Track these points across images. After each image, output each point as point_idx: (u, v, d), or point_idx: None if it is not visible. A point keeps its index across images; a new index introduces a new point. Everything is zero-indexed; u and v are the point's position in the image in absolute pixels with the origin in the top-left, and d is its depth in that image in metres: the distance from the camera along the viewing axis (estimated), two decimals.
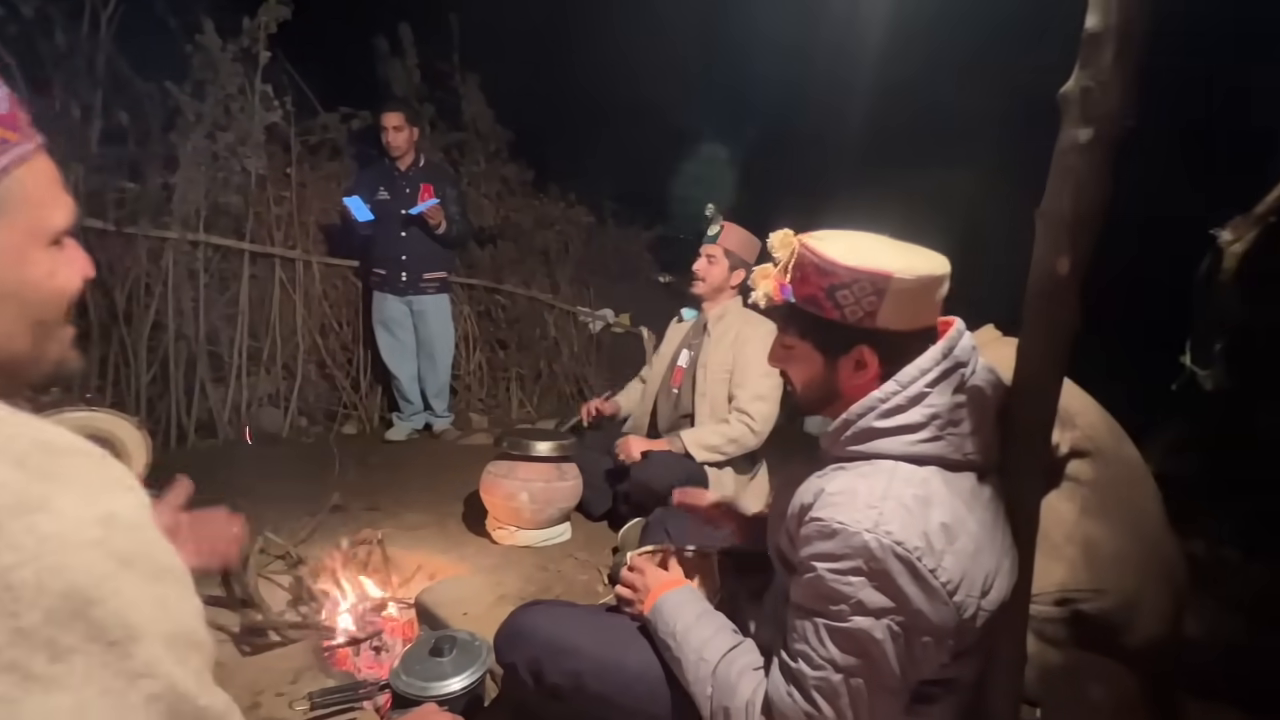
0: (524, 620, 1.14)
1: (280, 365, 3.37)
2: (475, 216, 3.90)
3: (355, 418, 3.56)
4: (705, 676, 0.92)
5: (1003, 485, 0.84)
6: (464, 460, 2.95)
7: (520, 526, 2.10)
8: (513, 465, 2.07)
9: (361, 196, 3.07)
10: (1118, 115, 0.71)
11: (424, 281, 3.23)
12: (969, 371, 0.82)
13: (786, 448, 2.57)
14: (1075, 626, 1.23)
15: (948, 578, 0.75)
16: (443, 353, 3.39)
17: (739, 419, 2.05)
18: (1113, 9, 0.67)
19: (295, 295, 3.38)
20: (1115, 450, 1.31)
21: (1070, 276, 0.77)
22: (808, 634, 0.80)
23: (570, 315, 4.38)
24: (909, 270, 0.78)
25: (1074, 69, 0.73)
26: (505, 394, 4.16)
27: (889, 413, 0.81)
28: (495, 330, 4.17)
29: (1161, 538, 1.33)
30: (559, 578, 1.93)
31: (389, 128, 3.02)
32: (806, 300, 0.84)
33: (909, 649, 0.76)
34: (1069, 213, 0.75)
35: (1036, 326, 0.82)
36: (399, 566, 1.99)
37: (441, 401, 3.47)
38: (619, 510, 2.22)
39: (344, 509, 2.40)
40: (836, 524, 0.77)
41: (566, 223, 4.48)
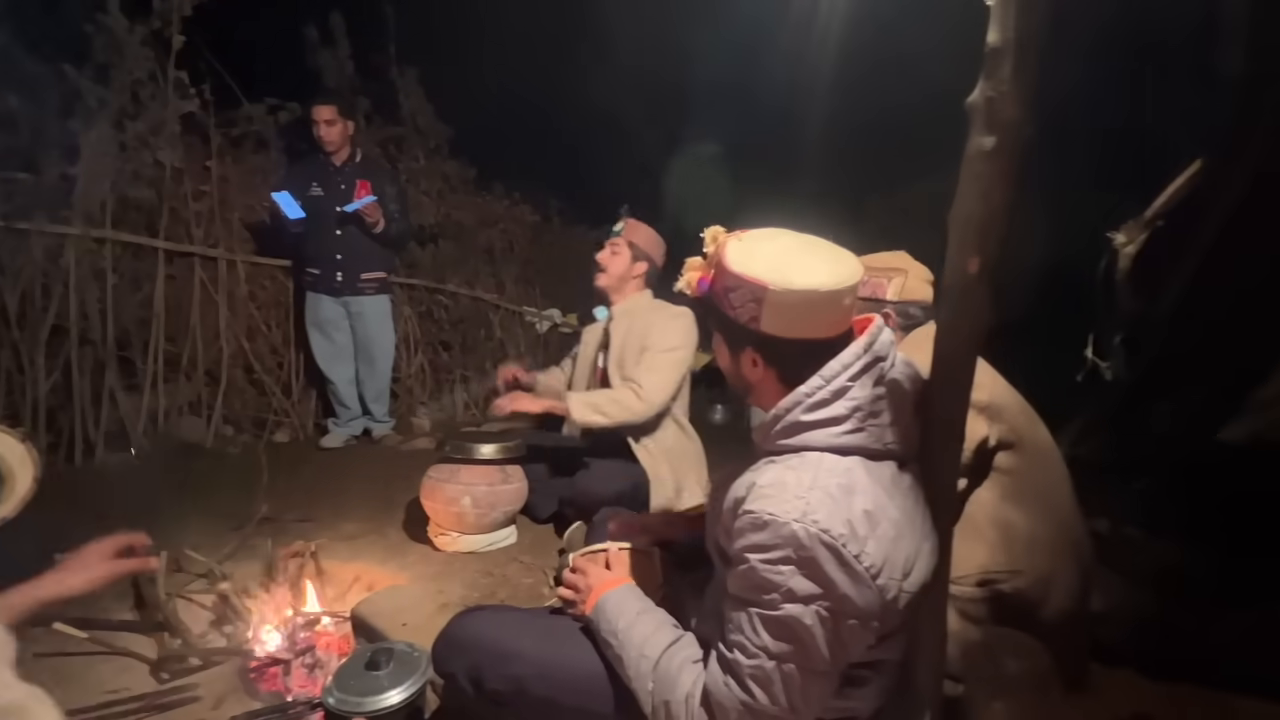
0: (462, 627, 1.12)
1: (202, 371, 3.16)
2: (415, 215, 3.78)
3: (287, 425, 3.39)
4: (646, 672, 0.93)
5: (922, 472, 0.89)
6: (405, 466, 2.86)
7: (463, 532, 2.05)
8: (455, 469, 2.02)
9: (292, 192, 2.93)
10: (1018, 124, 0.76)
11: (361, 282, 3.11)
12: (888, 365, 0.86)
13: (731, 444, 2.62)
14: (994, 605, 1.31)
15: (870, 562, 0.78)
16: (382, 355, 3.27)
17: (627, 385, 2.05)
18: (1010, 25, 0.72)
19: (218, 296, 3.18)
20: (1034, 440, 1.41)
21: (980, 275, 0.82)
22: (743, 624, 0.82)
23: (516, 315, 4.32)
24: (784, 284, 0.81)
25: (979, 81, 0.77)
26: (449, 396, 4.06)
27: (814, 406, 0.84)
28: (438, 331, 4.06)
29: (1072, 520, 1.44)
30: (504, 582, 1.90)
31: (320, 121, 2.89)
32: (715, 295, 0.89)
33: (836, 632, 0.79)
34: (977, 215, 0.79)
35: (951, 322, 0.86)
36: (334, 579, 1.91)
37: (381, 406, 3.35)
38: (564, 512, 2.21)
39: (274, 521, 2.28)
40: (767, 515, 0.80)
41: (511, 221, 4.41)
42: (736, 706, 0.82)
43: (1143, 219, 1.65)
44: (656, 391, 2.03)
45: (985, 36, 0.75)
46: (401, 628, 1.59)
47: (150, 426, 3.00)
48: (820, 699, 0.85)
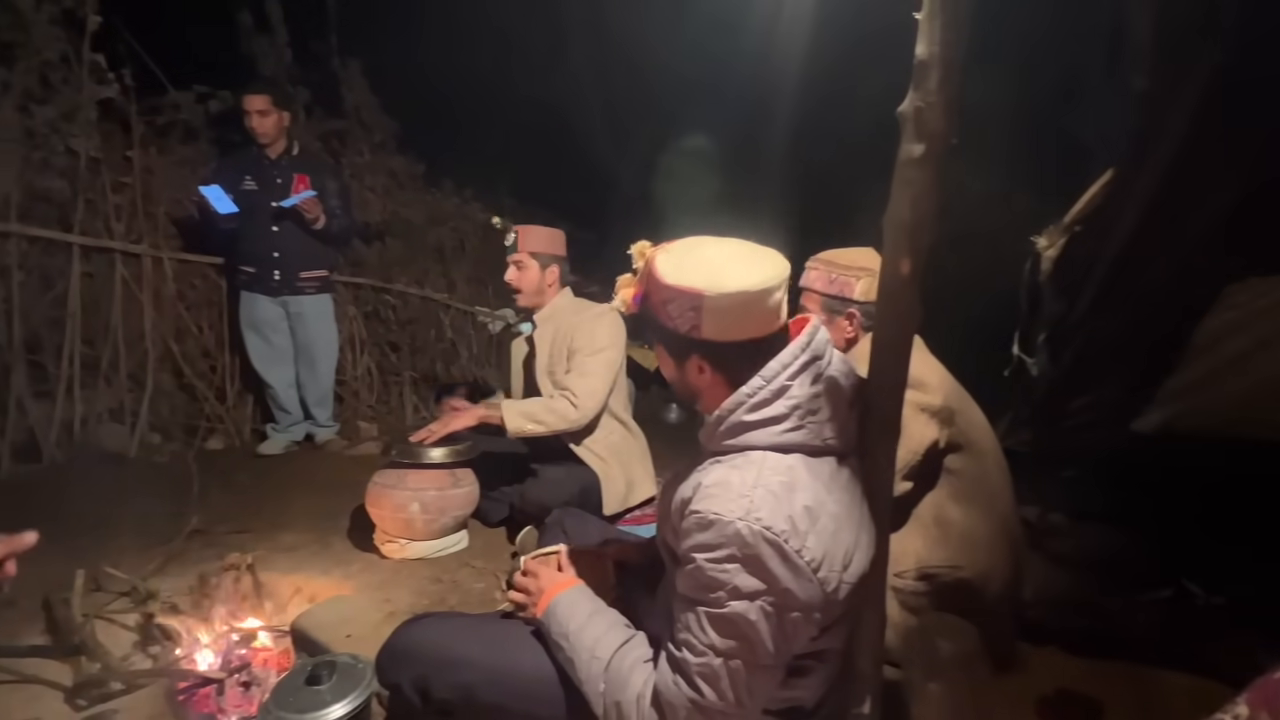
0: (407, 636, 1.09)
1: (125, 375, 2.96)
2: (360, 211, 3.65)
3: (221, 431, 3.21)
4: (598, 674, 0.93)
5: (860, 466, 0.92)
6: (351, 472, 2.76)
7: (412, 538, 2.00)
8: (402, 474, 1.96)
9: (223, 186, 2.77)
10: (944, 133, 0.79)
11: (301, 281, 2.98)
12: (825, 363, 0.89)
13: (686, 444, 2.64)
14: (935, 597, 1.37)
15: (811, 556, 0.80)
16: (324, 357, 3.15)
17: (560, 393, 2.04)
18: (936, 39, 0.75)
19: (142, 295, 2.98)
20: (979, 439, 1.47)
21: (911, 276, 0.86)
22: (690, 623, 0.84)
23: (468, 316, 4.22)
24: (720, 288, 0.83)
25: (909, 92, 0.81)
26: (398, 399, 3.94)
27: (756, 406, 0.86)
28: (386, 332, 3.93)
29: (1008, 512, 1.52)
30: (454, 588, 1.86)
31: (253, 111, 2.75)
32: (652, 309, 0.90)
33: (781, 626, 0.81)
34: (908, 219, 0.83)
35: (886, 321, 0.90)
36: (273, 592, 1.82)
37: (324, 410, 3.21)
38: (516, 516, 2.18)
39: (206, 533, 2.16)
40: (712, 515, 0.81)
41: (462, 219, 4.31)
42: (685, 704, 0.83)
43: (1062, 224, 1.76)
44: (590, 396, 2.02)
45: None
46: (345, 639, 1.54)
47: (65, 436, 2.78)
48: (766, 692, 0.87)
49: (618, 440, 2.15)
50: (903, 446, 1.29)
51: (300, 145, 2.98)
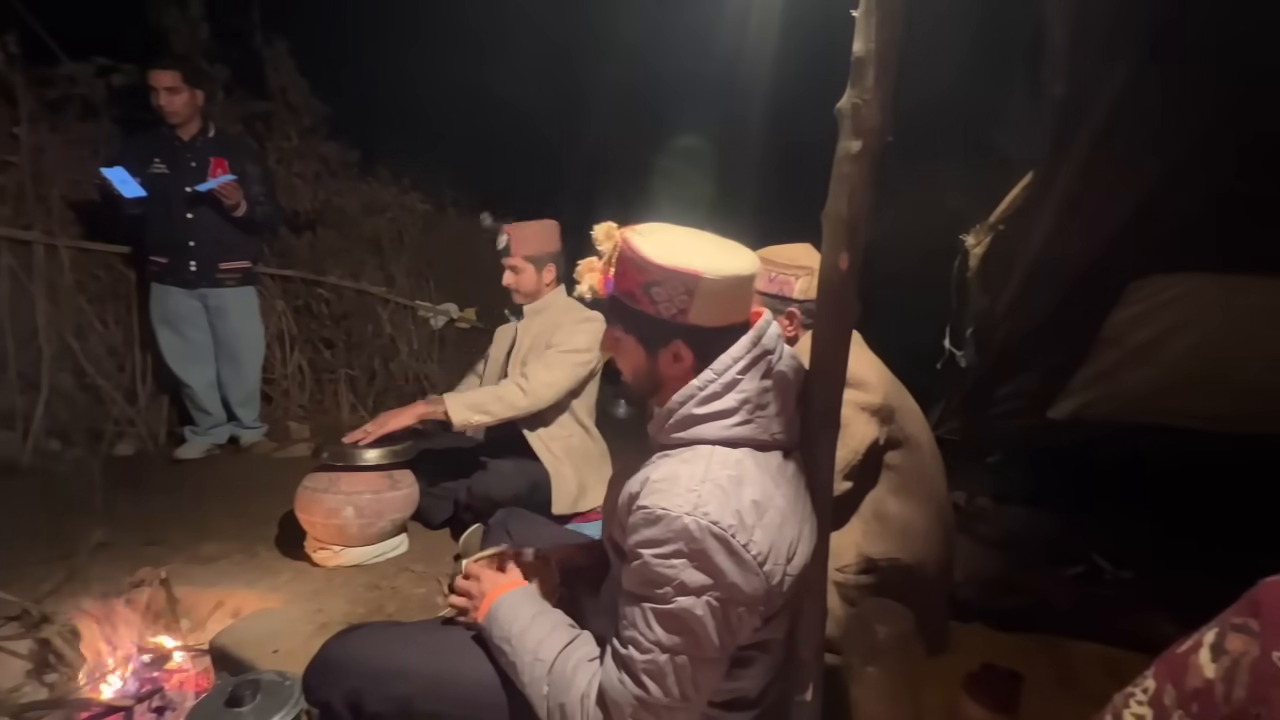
0: (338, 649, 1.03)
1: (15, 376, 2.68)
2: (288, 199, 3.44)
3: (132, 436, 2.96)
4: (541, 676, 0.91)
5: (803, 459, 0.93)
6: (280, 476, 2.60)
7: (346, 545, 1.90)
8: (335, 477, 1.86)
9: (130, 168, 2.54)
10: (880, 130, 0.81)
11: (221, 272, 2.77)
12: (775, 358, 0.89)
13: (635, 439, 2.64)
14: (875, 589, 1.42)
15: (758, 550, 0.80)
16: (249, 354, 2.95)
17: (513, 379, 1.99)
18: (872, 36, 0.76)
19: (34, 287, 2.70)
20: (917, 434, 1.52)
21: (850, 271, 0.87)
22: (636, 620, 0.83)
23: (409, 310, 4.06)
24: (717, 271, 0.82)
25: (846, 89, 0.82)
26: (333, 398, 3.75)
27: (706, 399, 0.86)
28: (318, 327, 3.72)
29: (943, 502, 1.58)
30: (393, 595, 1.78)
31: (160, 88, 2.52)
32: (626, 294, 0.87)
33: (726, 620, 0.81)
34: (846, 214, 0.84)
35: (825, 316, 0.91)
36: (191, 608, 1.70)
37: (250, 411, 3.02)
38: (461, 516, 2.11)
39: (113, 547, 1.98)
40: (660, 510, 0.80)
41: (400, 209, 4.13)
42: (631, 702, 0.82)
43: (987, 223, 1.85)
44: (543, 387, 1.97)
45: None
46: (272, 655, 1.45)
47: None
48: (711, 685, 0.87)
49: (577, 443, 2.11)
50: (844, 446, 1.33)
51: (217, 127, 2.77)
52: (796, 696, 1.00)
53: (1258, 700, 0.48)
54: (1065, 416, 2.17)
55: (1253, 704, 0.48)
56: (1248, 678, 0.49)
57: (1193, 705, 0.52)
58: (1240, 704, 0.49)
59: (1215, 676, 0.51)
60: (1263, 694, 0.47)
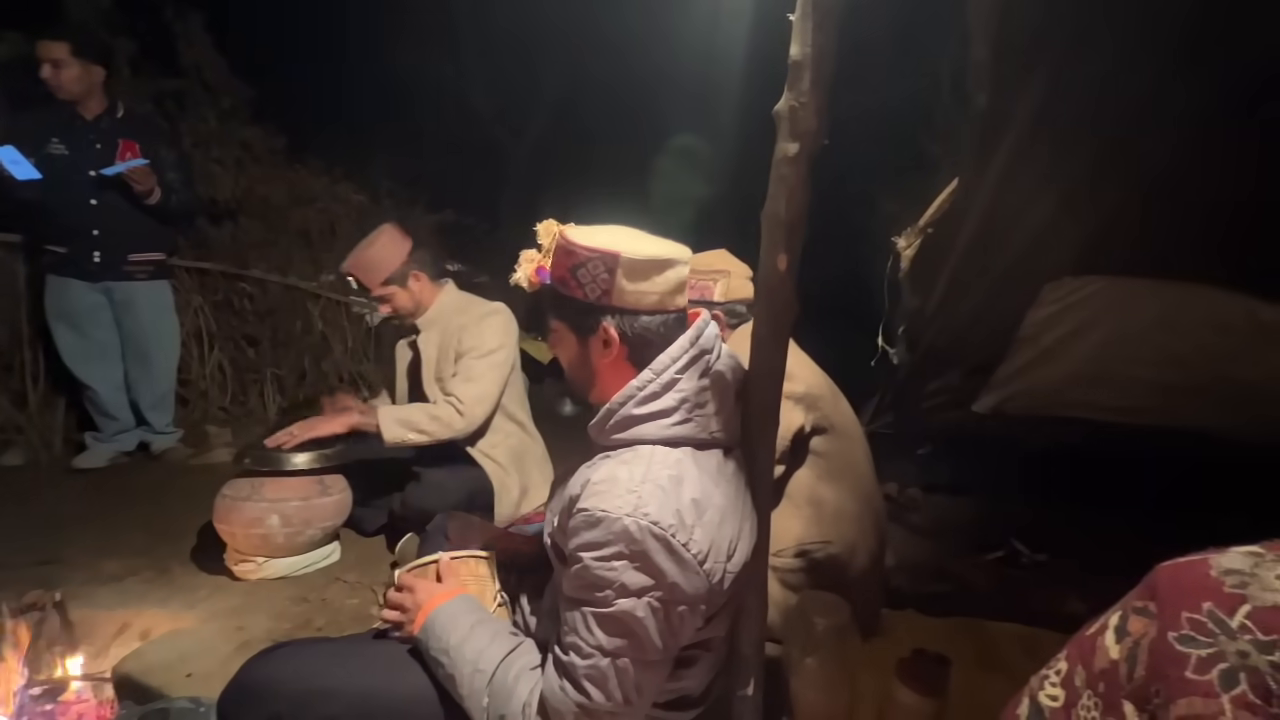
0: (258, 670, 0.96)
1: None
2: (207, 187, 3.20)
3: (21, 444, 2.68)
4: (481, 688, 0.88)
5: (743, 457, 0.94)
6: (196, 484, 2.42)
7: (271, 555, 1.78)
8: (258, 484, 1.74)
9: (22, 148, 2.30)
10: (816, 133, 0.82)
11: (130, 264, 2.55)
12: (713, 358, 0.89)
13: (582, 437, 2.60)
14: (810, 573, 1.46)
15: (698, 549, 0.80)
16: (161, 353, 2.73)
17: (446, 400, 1.90)
18: (809, 40, 0.77)
19: None
20: (844, 423, 1.57)
21: (788, 271, 0.88)
22: (577, 624, 0.81)
23: (341, 305, 3.87)
24: (636, 252, 0.84)
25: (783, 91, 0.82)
26: (258, 399, 3.53)
27: (645, 399, 0.85)
28: (240, 324, 3.49)
29: (872, 489, 1.64)
30: (322, 608, 1.68)
31: (46, 60, 2.29)
32: (558, 281, 0.88)
33: (668, 621, 0.80)
34: (783, 215, 0.85)
35: (764, 315, 0.92)
36: (91, 632, 1.55)
37: (163, 415, 2.80)
38: (396, 524, 2.02)
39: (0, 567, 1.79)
40: (600, 512, 0.79)
41: (332, 200, 3.92)
42: (573, 709, 0.81)
43: (917, 226, 1.94)
44: (478, 403, 1.89)
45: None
46: (186, 680, 1.35)
47: None
48: (655, 687, 0.86)
49: (516, 444, 2.04)
50: None
51: (127, 107, 2.54)
52: (738, 691, 1.01)
53: (1156, 678, 0.50)
54: (988, 410, 2.30)
55: (1152, 681, 0.51)
56: (1147, 657, 0.52)
57: (1099, 685, 0.55)
58: (1141, 682, 0.52)
59: (1119, 657, 0.54)
60: (1160, 671, 0.50)
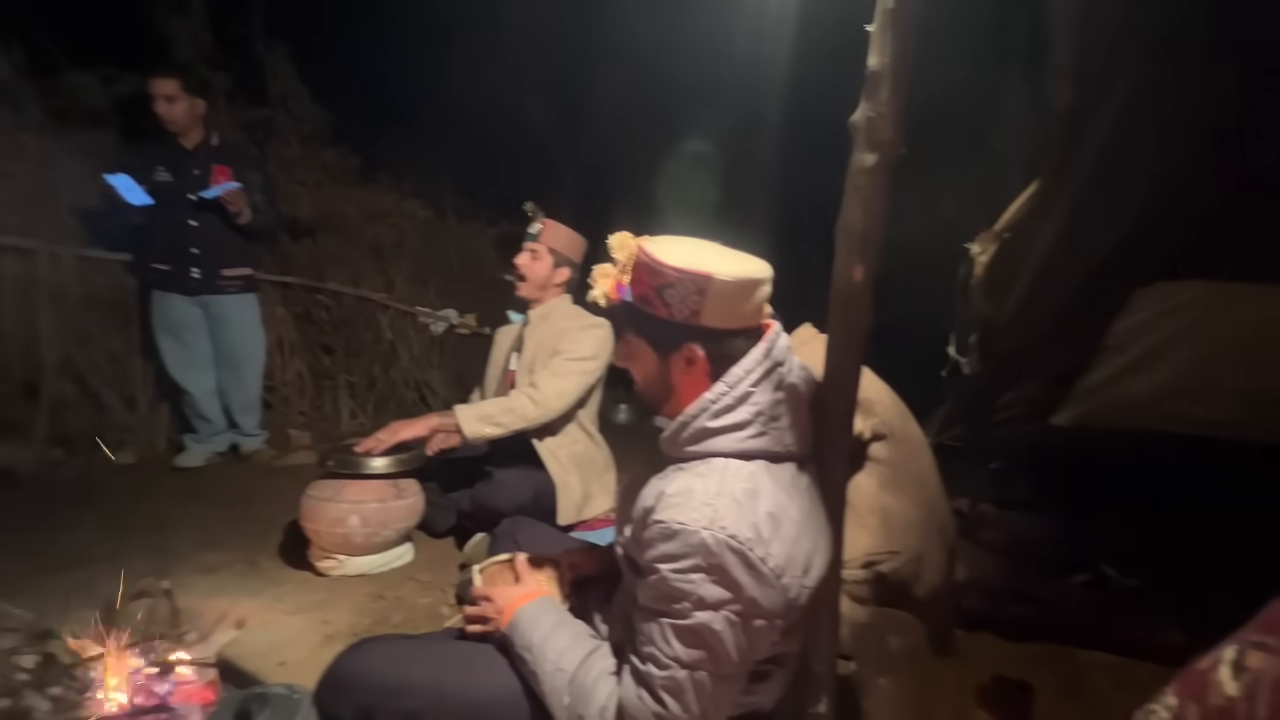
0: (349, 663, 1.03)
1: (18, 384, 2.67)
2: (289, 206, 3.44)
3: (133, 444, 2.95)
4: (562, 687, 0.91)
5: (816, 470, 0.93)
6: (281, 484, 2.59)
7: (351, 554, 1.89)
8: (340, 486, 1.85)
9: (134, 176, 2.55)
10: (895, 143, 0.81)
11: (222, 279, 2.77)
12: (786, 370, 0.89)
13: (637, 445, 2.64)
14: (877, 585, 1.42)
15: (775, 563, 0.80)
16: (249, 361, 2.94)
17: (523, 390, 1.97)
18: (887, 50, 0.76)
19: (37, 296, 2.69)
20: (905, 430, 1.53)
21: (864, 283, 0.88)
22: (654, 636, 0.82)
23: (409, 316, 4.06)
24: (728, 272, 0.83)
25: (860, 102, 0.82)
26: (333, 405, 3.74)
27: (719, 412, 0.86)
28: (318, 334, 3.72)
29: (939, 501, 1.59)
30: (398, 605, 1.77)
31: (160, 97, 2.53)
32: (640, 299, 0.88)
33: (745, 635, 0.80)
34: (859, 227, 0.84)
35: (838, 326, 0.91)
36: (195, 619, 1.68)
37: (251, 418, 3.01)
38: (465, 525, 2.10)
39: (116, 557, 1.96)
40: (676, 525, 0.80)
41: (400, 216, 4.13)
42: (649, 719, 0.82)
43: (993, 231, 1.86)
44: (555, 397, 1.96)
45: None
46: (279, 667, 1.44)
47: None
48: (729, 701, 0.86)
49: (581, 451, 2.10)
50: None
51: (221, 135, 2.77)
52: (810, 709, 1.00)
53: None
54: (1069, 423, 2.17)
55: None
56: (1270, 695, 0.49)
57: None
58: None
59: (1238, 695, 0.51)
60: None
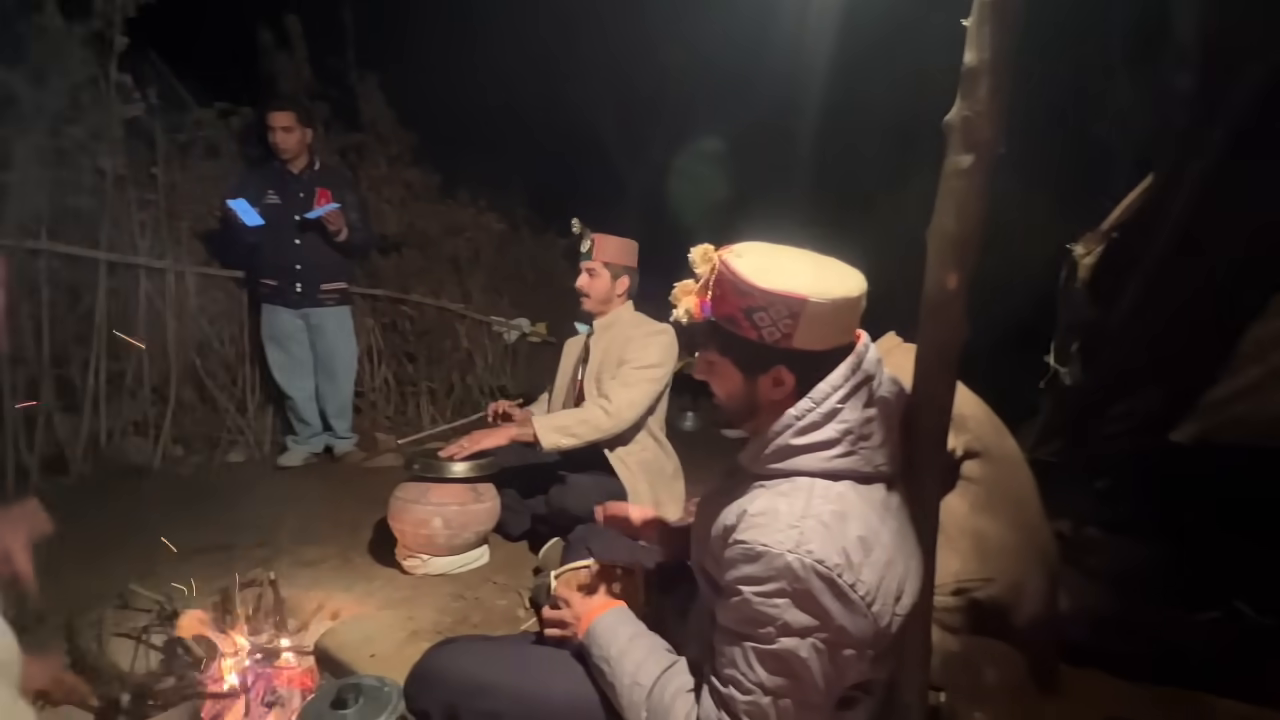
0: (435, 661, 1.07)
1: (149, 389, 2.99)
2: (377, 223, 3.67)
3: (242, 444, 3.23)
4: (639, 701, 0.90)
5: (907, 490, 0.88)
6: (369, 484, 2.76)
7: (433, 554, 1.98)
8: (424, 488, 1.94)
9: (248, 200, 2.81)
10: (993, 142, 0.76)
11: (322, 293, 3.00)
12: (877, 384, 0.84)
13: (703, 453, 2.61)
14: (970, 613, 1.33)
15: (865, 590, 0.76)
16: (344, 368, 3.16)
17: (596, 401, 2.00)
18: (986, 45, 0.72)
19: (165, 309, 3.01)
20: (1000, 447, 1.43)
21: (958, 291, 0.83)
22: (736, 659, 0.80)
23: (484, 325, 4.23)
24: (824, 294, 0.77)
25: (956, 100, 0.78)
26: (415, 410, 3.95)
27: (805, 430, 0.82)
28: (402, 343, 3.95)
29: (1039, 524, 1.47)
30: (477, 605, 1.83)
31: (278, 128, 2.78)
32: (725, 319, 0.83)
33: (833, 663, 0.77)
34: (954, 231, 0.79)
35: (930, 337, 0.86)
36: (295, 608, 1.81)
37: (343, 421, 3.23)
38: (539, 529, 2.15)
39: (228, 548, 2.16)
40: (760, 546, 0.77)
41: (477, 230, 4.32)
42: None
43: (1100, 231, 1.71)
44: (626, 408, 1.99)
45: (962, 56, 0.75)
46: (370, 659, 1.52)
47: (91, 449, 2.82)
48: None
49: (650, 458, 2.12)
50: None
51: (321, 160, 3.01)
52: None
53: None
54: (1190, 439, 1.95)
55: None
56: None
57: None
58: None
59: None
60: None
